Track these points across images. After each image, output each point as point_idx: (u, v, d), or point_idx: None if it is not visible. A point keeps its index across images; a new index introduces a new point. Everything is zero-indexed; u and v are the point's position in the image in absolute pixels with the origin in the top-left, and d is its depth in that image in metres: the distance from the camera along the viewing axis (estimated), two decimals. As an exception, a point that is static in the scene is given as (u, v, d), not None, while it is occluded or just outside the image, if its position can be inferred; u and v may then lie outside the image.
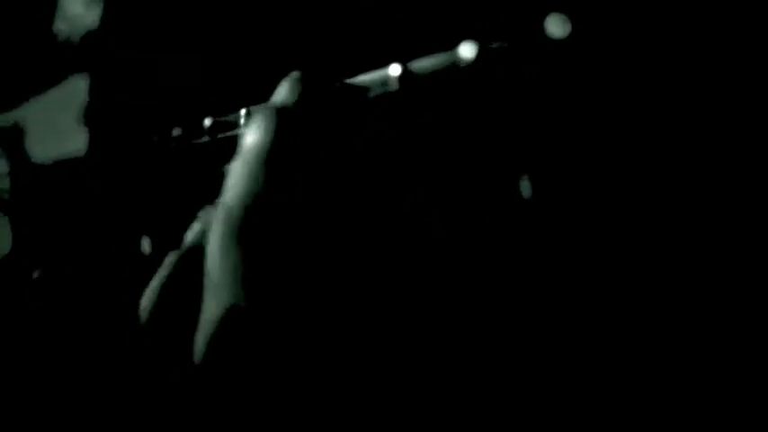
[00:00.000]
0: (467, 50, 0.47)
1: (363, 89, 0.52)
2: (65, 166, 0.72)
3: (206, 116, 0.59)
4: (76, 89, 0.74)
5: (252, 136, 0.50)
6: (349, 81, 0.52)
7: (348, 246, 0.49)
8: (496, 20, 0.50)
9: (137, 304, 0.67)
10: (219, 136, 0.59)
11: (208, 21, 0.71)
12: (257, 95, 0.63)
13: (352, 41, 0.63)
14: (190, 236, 0.55)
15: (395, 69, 0.50)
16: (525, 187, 0.45)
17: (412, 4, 0.58)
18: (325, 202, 0.49)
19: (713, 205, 0.44)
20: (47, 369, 0.64)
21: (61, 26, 0.73)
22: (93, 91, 0.74)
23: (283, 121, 0.51)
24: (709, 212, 0.44)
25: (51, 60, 0.74)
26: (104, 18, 0.74)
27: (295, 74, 0.54)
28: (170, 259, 0.53)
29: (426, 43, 0.50)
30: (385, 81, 0.50)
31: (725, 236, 0.43)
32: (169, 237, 0.65)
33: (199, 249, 0.51)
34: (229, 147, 0.55)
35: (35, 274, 0.69)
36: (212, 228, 0.48)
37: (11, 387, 0.65)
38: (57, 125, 0.74)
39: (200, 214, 0.56)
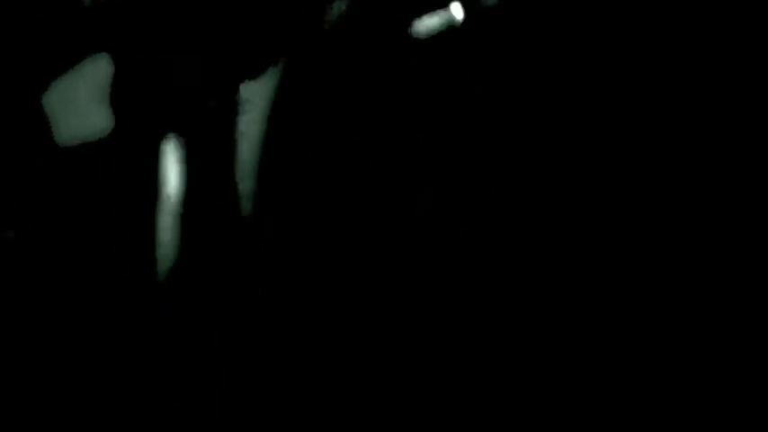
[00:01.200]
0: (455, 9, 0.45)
1: None
2: (88, 147, 0.72)
3: None
4: (97, 69, 0.73)
5: None
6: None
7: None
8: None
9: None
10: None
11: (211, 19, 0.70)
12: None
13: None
14: None
15: None
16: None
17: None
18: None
19: (711, 205, 0.42)
20: (46, 369, 0.64)
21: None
22: (114, 70, 0.73)
23: None
24: (708, 212, 0.42)
25: (70, 41, 0.74)
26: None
27: None
28: None
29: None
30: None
31: (726, 236, 0.42)
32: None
33: None
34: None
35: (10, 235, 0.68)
36: None
37: (11, 388, 0.65)
38: (78, 106, 0.74)
39: None
